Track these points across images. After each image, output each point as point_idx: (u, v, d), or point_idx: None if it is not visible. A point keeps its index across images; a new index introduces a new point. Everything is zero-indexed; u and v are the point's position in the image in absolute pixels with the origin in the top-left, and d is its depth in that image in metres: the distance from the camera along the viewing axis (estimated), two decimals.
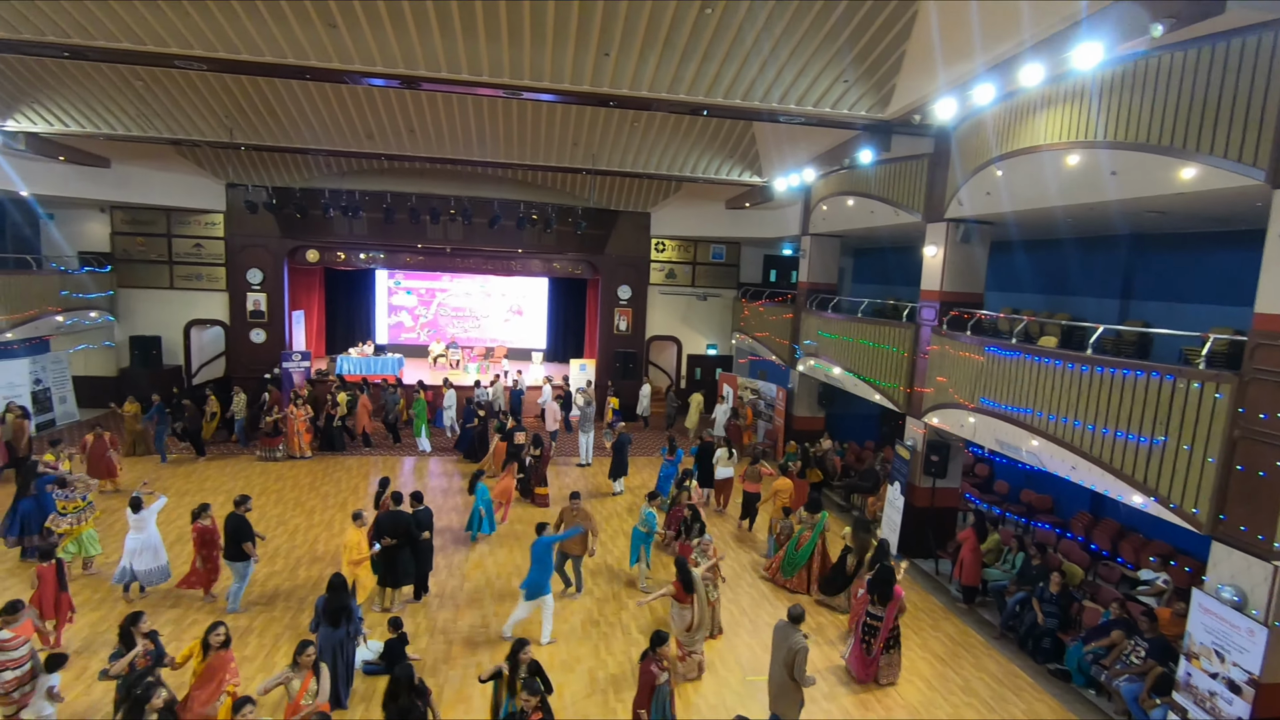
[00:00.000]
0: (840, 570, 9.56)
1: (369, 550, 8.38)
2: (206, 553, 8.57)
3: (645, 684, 5.88)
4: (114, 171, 16.18)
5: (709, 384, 20.12)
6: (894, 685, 7.84)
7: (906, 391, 11.52)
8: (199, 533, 8.49)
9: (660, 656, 5.91)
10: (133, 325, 18.21)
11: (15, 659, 6.11)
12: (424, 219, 17.04)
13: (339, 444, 15.37)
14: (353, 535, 8.33)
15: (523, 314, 23.82)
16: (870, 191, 12.57)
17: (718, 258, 20.79)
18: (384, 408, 16.25)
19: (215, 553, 8.59)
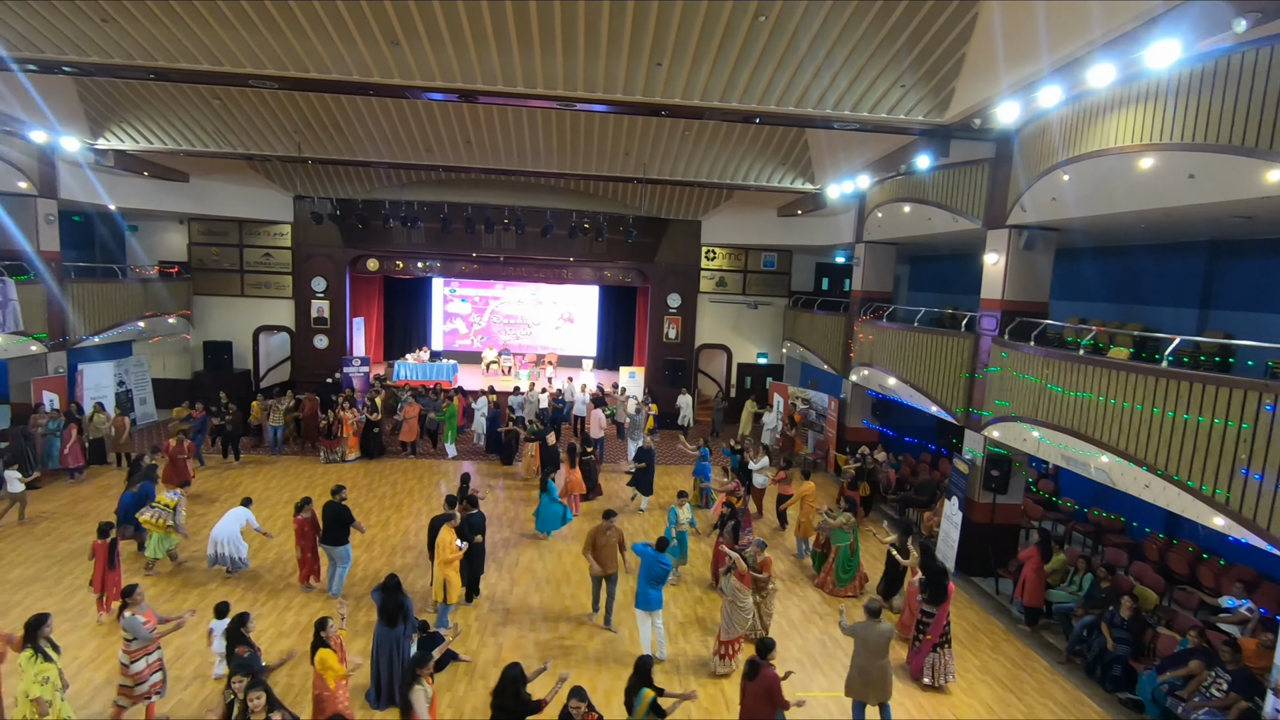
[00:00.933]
0: (894, 571, 9.53)
1: (459, 550, 8.44)
2: (306, 544, 9.04)
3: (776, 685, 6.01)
4: (192, 185, 17.11)
5: (759, 393, 19.90)
6: (947, 685, 7.83)
7: (965, 403, 11.16)
8: (300, 525, 8.96)
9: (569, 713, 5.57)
10: (206, 331, 19.17)
11: (141, 648, 6.32)
12: (479, 228, 17.44)
13: (375, 449, 15.47)
14: (446, 534, 8.31)
15: (573, 321, 24.07)
16: (928, 198, 12.27)
17: (769, 266, 20.60)
18: (423, 415, 16.35)
19: (314, 544, 9.07)
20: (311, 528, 9.05)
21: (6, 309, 12.89)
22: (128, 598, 6.42)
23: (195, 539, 10.18)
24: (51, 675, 5.79)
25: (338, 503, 8.94)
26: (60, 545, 10.36)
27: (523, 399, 16.74)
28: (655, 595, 7.82)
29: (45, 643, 5.86)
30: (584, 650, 8.27)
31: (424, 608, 8.83)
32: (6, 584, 9.14)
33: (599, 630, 8.71)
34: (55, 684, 5.84)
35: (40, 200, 13.68)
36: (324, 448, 15.07)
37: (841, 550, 9.93)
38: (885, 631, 6.75)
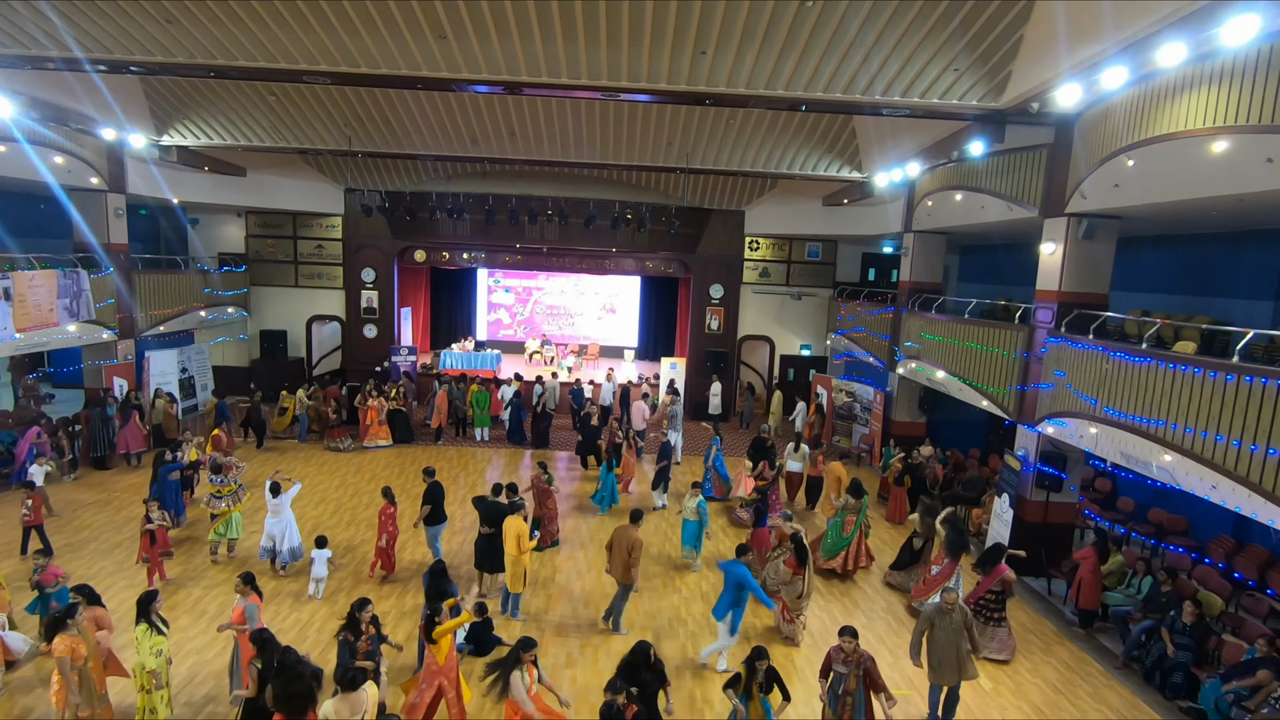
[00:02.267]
0: (908, 550, 10.05)
1: (533, 540, 8.57)
2: (393, 530, 9.31)
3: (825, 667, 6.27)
4: (249, 179, 17.71)
5: (802, 385, 19.66)
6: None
7: (1018, 398, 10.81)
8: (385, 514, 9.21)
9: (841, 647, 6.14)
10: (262, 320, 19.87)
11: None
12: (523, 220, 17.60)
13: (405, 436, 16.02)
14: (517, 524, 8.37)
15: (615, 312, 24.14)
16: (981, 186, 11.87)
17: (813, 256, 20.27)
18: (454, 402, 16.66)
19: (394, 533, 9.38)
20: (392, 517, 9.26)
21: (80, 299, 13.59)
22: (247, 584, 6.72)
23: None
24: (164, 648, 6.17)
25: (438, 482, 9.58)
26: (89, 534, 10.92)
27: (543, 388, 17.05)
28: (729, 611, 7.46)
29: (156, 617, 6.22)
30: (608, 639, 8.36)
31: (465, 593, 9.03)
32: (82, 558, 9.69)
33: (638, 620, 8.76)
34: (167, 656, 6.21)
35: (110, 195, 14.34)
36: (329, 437, 15.48)
37: (835, 527, 10.39)
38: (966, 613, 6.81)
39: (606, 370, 19.12)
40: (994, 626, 8.32)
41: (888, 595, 9.96)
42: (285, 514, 9.44)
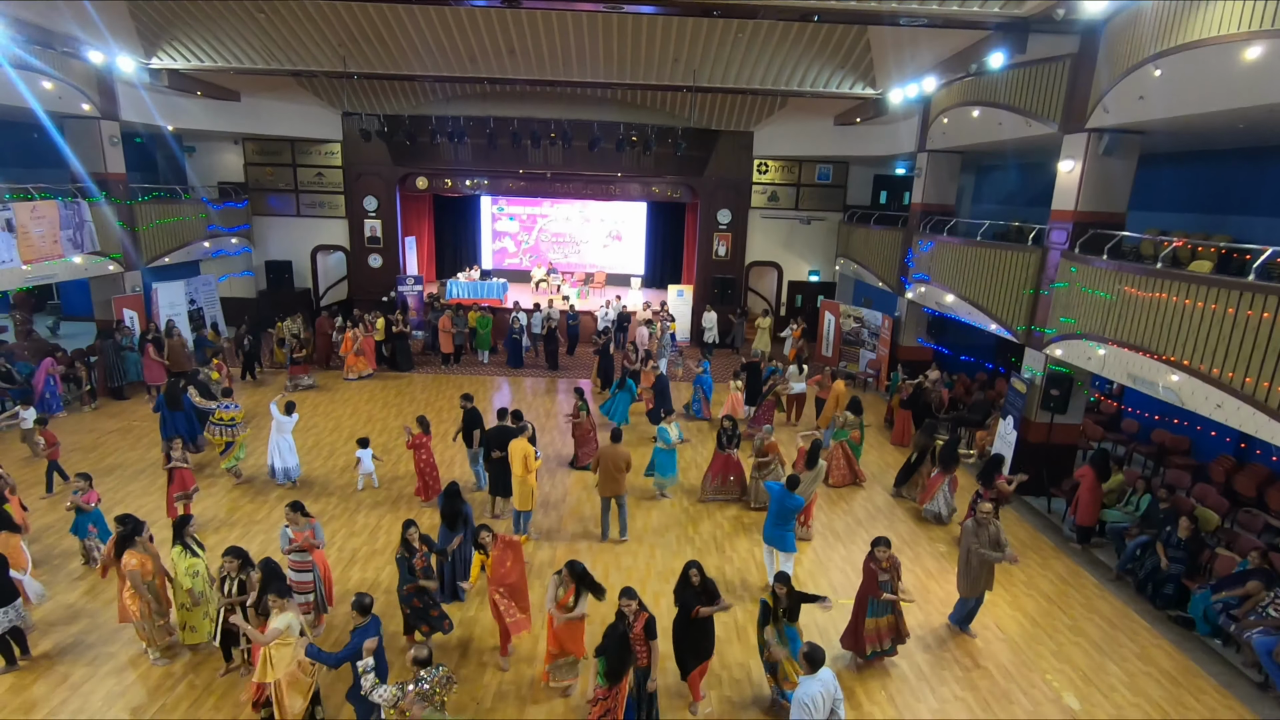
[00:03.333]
0: (909, 464, 10.69)
1: (539, 461, 8.78)
2: (427, 457, 9.62)
3: (869, 578, 6.56)
4: (244, 104, 17.22)
5: (809, 311, 19.58)
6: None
7: (1027, 321, 10.75)
8: (418, 442, 9.51)
9: (878, 558, 6.51)
10: (266, 251, 19.76)
11: (304, 563, 6.74)
12: (525, 143, 17.16)
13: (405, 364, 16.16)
14: (523, 446, 8.55)
15: (621, 239, 23.83)
16: (999, 100, 11.42)
17: (823, 179, 19.78)
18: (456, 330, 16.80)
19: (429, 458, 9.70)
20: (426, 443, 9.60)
21: (83, 230, 13.51)
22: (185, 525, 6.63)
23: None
24: (200, 569, 6.45)
25: (474, 408, 9.92)
26: (113, 460, 11.23)
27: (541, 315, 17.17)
28: (785, 536, 7.68)
29: (191, 540, 6.51)
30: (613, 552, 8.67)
31: (481, 515, 9.34)
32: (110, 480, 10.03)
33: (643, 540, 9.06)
34: (204, 577, 6.49)
35: (103, 122, 14.02)
36: (290, 374, 14.65)
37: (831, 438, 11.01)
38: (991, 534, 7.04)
39: (612, 297, 19.07)
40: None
41: (898, 506, 10.46)
42: (289, 435, 9.78)
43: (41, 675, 6.30)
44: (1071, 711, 6.34)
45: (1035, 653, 7.16)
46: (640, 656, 5.47)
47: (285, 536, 6.74)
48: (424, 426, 9.59)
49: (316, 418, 12.95)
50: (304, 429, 12.22)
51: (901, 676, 6.73)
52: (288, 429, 9.78)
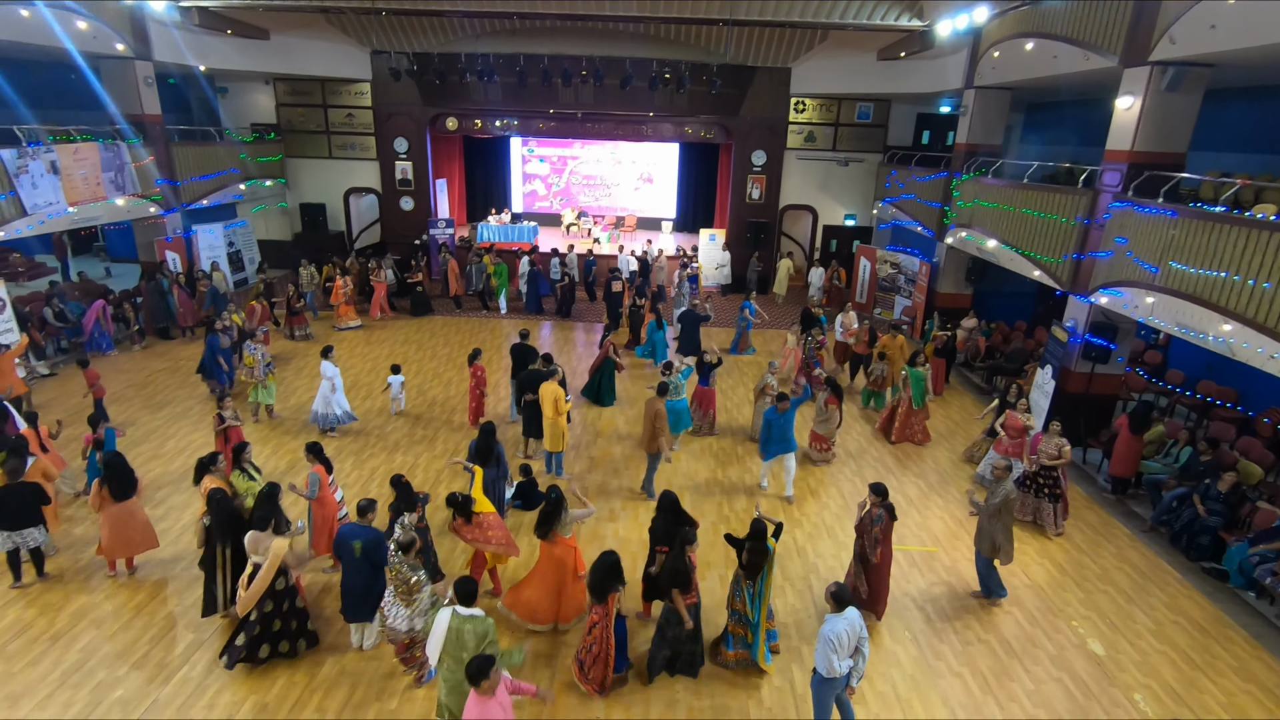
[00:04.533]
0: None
1: (569, 403, 8.95)
2: (481, 391, 10.08)
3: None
4: (273, 43, 17.05)
5: (844, 256, 19.17)
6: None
7: (1072, 267, 10.39)
8: (477, 374, 9.97)
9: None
10: (301, 193, 19.88)
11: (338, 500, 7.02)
12: (556, 82, 16.79)
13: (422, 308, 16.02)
14: (554, 389, 8.69)
15: (653, 182, 23.41)
16: (1056, 32, 10.76)
17: (863, 118, 19.03)
18: (469, 274, 16.75)
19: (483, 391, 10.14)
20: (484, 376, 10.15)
21: (123, 171, 13.72)
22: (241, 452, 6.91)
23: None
24: (253, 491, 6.71)
25: (526, 344, 10.17)
26: (163, 397, 11.66)
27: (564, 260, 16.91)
28: (780, 446, 8.53)
29: (249, 465, 6.88)
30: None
31: (513, 455, 9.56)
32: (154, 418, 10.47)
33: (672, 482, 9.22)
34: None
35: (138, 63, 14.04)
36: (288, 324, 14.25)
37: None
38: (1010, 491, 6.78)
39: (644, 240, 18.89)
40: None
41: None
42: (338, 379, 10.00)
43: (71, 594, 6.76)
44: (1096, 657, 6.40)
45: (1062, 600, 7.20)
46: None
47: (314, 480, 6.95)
48: (476, 358, 9.99)
49: (354, 359, 13.25)
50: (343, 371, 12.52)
51: (925, 618, 6.84)
52: (328, 374, 9.93)
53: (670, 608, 5.66)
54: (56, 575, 7.01)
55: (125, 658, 5.97)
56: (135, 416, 10.50)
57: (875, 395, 11.65)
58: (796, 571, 7.47)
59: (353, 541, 5.74)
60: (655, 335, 12.83)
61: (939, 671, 6.17)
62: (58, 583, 6.90)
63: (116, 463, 6.75)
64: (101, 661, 5.93)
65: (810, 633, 6.53)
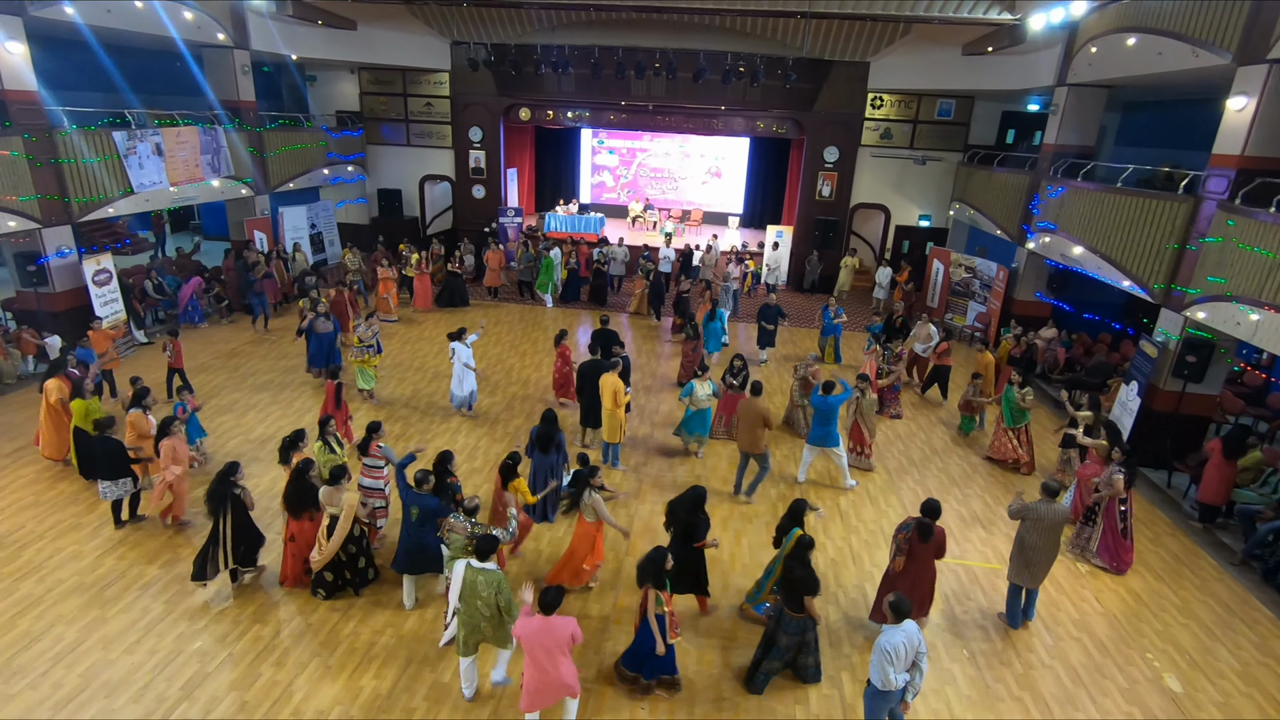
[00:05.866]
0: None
1: (628, 395, 9.02)
2: (568, 369, 10.53)
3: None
4: (360, 34, 17.68)
5: (916, 258, 18.57)
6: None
7: (1167, 278, 9.75)
8: (563, 353, 10.51)
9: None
10: (379, 179, 20.60)
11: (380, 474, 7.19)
12: (629, 74, 16.83)
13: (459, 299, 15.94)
14: (613, 381, 8.73)
15: (721, 176, 23.23)
16: (1163, 26, 10.08)
17: (944, 115, 18.33)
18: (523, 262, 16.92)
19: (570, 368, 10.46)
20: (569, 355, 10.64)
21: (219, 154, 14.52)
22: (375, 432, 7.20)
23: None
24: (335, 464, 6.98)
25: (608, 330, 10.60)
26: (246, 369, 12.27)
27: (609, 251, 17.14)
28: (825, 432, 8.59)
29: (331, 438, 7.25)
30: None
31: (572, 442, 9.68)
32: (242, 391, 11.08)
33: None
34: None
35: (236, 52, 14.82)
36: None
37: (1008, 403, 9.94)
38: (1060, 512, 6.37)
39: (709, 236, 18.77)
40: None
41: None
42: (469, 359, 10.21)
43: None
44: (1172, 693, 6.03)
45: (1137, 630, 6.80)
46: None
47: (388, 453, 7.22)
48: (563, 338, 10.45)
49: (414, 343, 13.67)
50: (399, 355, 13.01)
51: (986, 637, 6.59)
52: (464, 357, 10.15)
53: (790, 615, 5.54)
54: (154, 521, 7.58)
55: (205, 613, 6.37)
56: (219, 387, 11.15)
57: (967, 420, 10.86)
58: (850, 579, 7.32)
59: (411, 507, 6.27)
60: (709, 326, 12.67)
61: (998, 694, 5.93)
62: (159, 531, 7.42)
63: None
64: (185, 614, 6.34)
65: (862, 642, 6.40)
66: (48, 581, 6.69)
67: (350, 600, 6.59)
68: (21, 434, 9.42)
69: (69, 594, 6.53)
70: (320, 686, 5.62)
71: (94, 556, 7.07)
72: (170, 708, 5.36)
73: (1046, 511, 6.36)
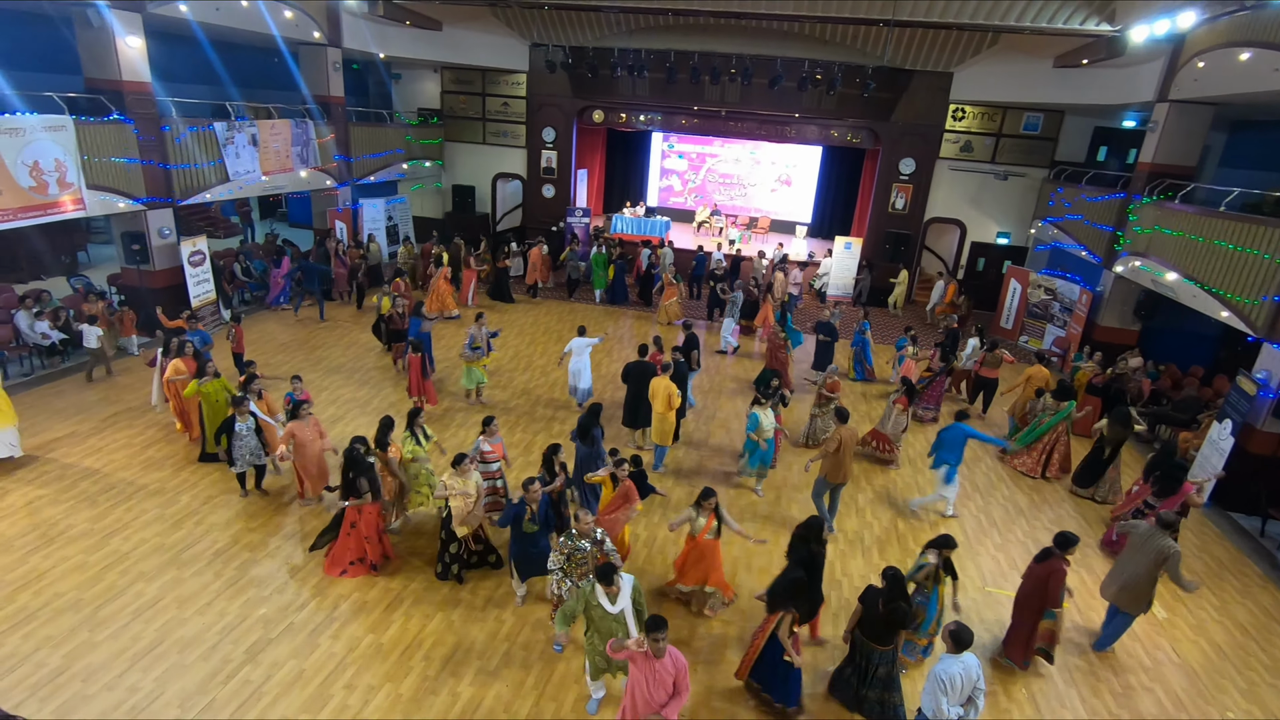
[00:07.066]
0: (1097, 461, 9.43)
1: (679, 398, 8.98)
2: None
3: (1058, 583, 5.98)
4: (445, 34, 18.25)
5: (992, 277, 17.87)
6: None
7: (1272, 310, 9.07)
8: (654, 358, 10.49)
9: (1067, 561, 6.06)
10: (454, 175, 21.21)
11: (493, 471, 7.37)
12: (704, 79, 16.81)
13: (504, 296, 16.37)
14: (666, 383, 8.75)
15: (790, 184, 22.91)
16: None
17: (1030, 129, 17.58)
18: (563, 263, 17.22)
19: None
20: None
21: (309, 147, 15.24)
22: (487, 427, 7.33)
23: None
24: (420, 455, 7.41)
25: (692, 333, 10.85)
26: (349, 350, 12.77)
27: (653, 253, 17.19)
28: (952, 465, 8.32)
29: (419, 430, 7.44)
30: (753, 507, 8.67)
31: (625, 444, 9.71)
32: (319, 371, 11.58)
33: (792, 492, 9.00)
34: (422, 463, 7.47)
35: (329, 49, 15.54)
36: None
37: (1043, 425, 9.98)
38: (1167, 548, 6.15)
39: (775, 244, 18.56)
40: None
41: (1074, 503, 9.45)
42: (585, 358, 10.48)
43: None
44: None
45: (1217, 686, 6.35)
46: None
47: (477, 448, 7.35)
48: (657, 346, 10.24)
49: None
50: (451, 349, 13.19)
51: (1049, 678, 6.26)
52: (582, 353, 10.40)
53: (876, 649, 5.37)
54: (230, 493, 8.01)
55: (271, 582, 6.69)
56: (299, 366, 11.68)
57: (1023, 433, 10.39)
58: None
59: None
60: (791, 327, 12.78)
61: None
62: (235, 503, 7.85)
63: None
64: (252, 582, 6.67)
65: (917, 675, 6.18)
66: (133, 540, 7.15)
67: (405, 582, 6.80)
68: (118, 402, 10.12)
69: (151, 553, 6.96)
70: (373, 662, 5.82)
71: (174, 520, 7.51)
72: (234, 669, 5.65)
73: (1147, 538, 6.30)
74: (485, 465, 7.32)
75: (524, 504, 6.18)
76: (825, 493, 8.00)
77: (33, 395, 10.15)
